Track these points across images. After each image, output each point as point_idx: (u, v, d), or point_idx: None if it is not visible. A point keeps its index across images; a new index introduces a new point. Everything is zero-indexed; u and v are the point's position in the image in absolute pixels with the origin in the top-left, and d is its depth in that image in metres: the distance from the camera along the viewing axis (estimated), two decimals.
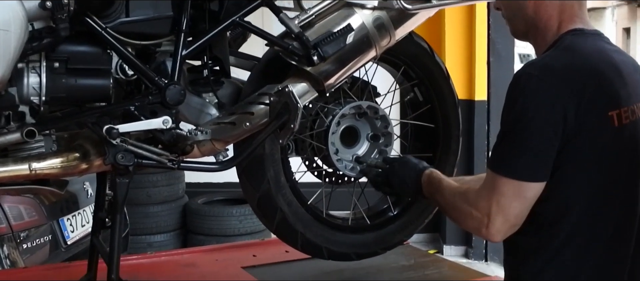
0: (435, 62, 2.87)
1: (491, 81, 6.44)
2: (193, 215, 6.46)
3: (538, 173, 1.83)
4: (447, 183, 2.16)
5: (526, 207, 1.84)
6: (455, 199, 2.04)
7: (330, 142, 2.71)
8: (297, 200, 2.69)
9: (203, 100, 2.53)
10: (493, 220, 1.85)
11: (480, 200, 1.88)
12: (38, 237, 4.33)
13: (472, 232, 2.06)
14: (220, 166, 2.40)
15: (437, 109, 2.93)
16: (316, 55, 2.33)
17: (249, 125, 2.41)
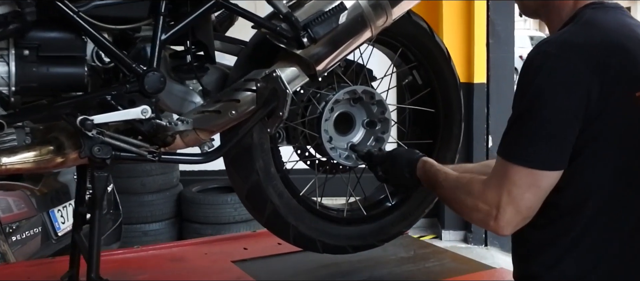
0: (435, 42, 2.67)
1: (490, 63, 6.26)
2: (188, 203, 6.33)
3: (555, 161, 1.67)
4: (444, 175, 2.00)
5: (540, 198, 1.70)
6: (457, 191, 1.89)
7: (323, 129, 2.52)
8: (288, 191, 2.51)
9: (186, 87, 2.34)
10: (503, 211, 1.70)
11: (488, 190, 1.73)
12: (28, 229, 4.19)
13: (478, 225, 1.89)
14: (204, 157, 2.22)
15: (438, 93, 2.74)
16: (306, 36, 2.14)
17: (235, 113, 2.22)
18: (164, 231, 6.59)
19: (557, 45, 1.71)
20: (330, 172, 2.67)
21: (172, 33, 2.15)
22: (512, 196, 1.68)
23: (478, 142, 6.26)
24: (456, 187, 1.90)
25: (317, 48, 2.22)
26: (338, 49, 2.27)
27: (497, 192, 1.70)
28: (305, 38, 2.14)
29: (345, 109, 2.62)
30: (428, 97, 2.75)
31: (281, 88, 2.10)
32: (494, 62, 6.25)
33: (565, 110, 1.65)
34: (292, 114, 2.58)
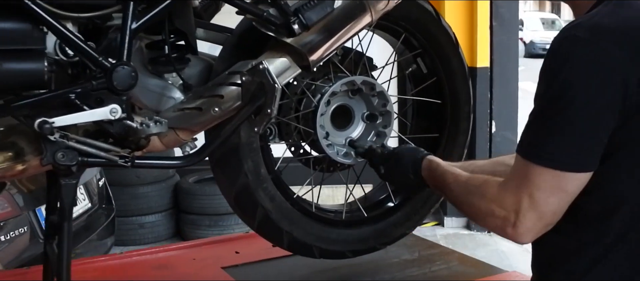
0: (441, 27, 2.38)
1: (494, 46, 5.95)
2: (184, 195, 6.12)
3: (585, 162, 1.46)
4: (454, 176, 1.77)
5: (566, 202, 1.49)
6: (470, 195, 1.65)
7: (318, 125, 2.23)
8: (281, 194, 2.22)
9: (164, 81, 2.04)
10: (523, 217, 1.49)
11: (505, 194, 1.52)
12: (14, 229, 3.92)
13: (494, 232, 1.64)
14: (184, 161, 1.93)
15: (444, 82, 2.44)
16: (297, 23, 1.85)
17: (219, 110, 1.93)
18: (160, 223, 6.36)
19: (588, 29, 1.47)
20: (328, 170, 2.38)
21: (144, 21, 1.86)
22: (534, 200, 1.47)
23: (481, 127, 5.98)
24: (468, 189, 1.67)
25: (310, 36, 1.94)
26: (334, 37, 1.98)
27: (516, 195, 1.49)
28: (296, 25, 1.85)
29: (343, 102, 2.34)
30: (434, 87, 2.46)
31: (269, 82, 1.80)
32: (497, 45, 5.97)
33: (598, 103, 1.43)
34: (285, 108, 2.30)
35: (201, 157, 1.93)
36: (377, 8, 2.00)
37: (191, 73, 2.14)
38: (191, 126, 1.97)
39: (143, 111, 2.00)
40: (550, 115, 1.47)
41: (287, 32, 1.87)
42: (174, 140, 1.99)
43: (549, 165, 1.46)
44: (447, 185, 1.77)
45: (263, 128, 1.86)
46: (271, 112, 1.81)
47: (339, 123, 2.35)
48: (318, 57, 1.97)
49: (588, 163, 1.45)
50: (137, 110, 2.01)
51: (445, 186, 1.78)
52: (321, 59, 2.00)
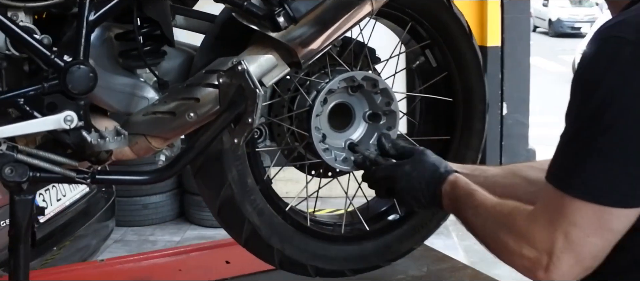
0: (453, 15, 2.03)
1: (505, 25, 5.58)
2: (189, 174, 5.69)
3: (636, 194, 1.16)
4: (482, 198, 1.44)
5: (610, 243, 1.20)
6: (496, 226, 1.35)
7: (313, 126, 1.91)
8: (271, 207, 1.90)
9: (135, 79, 1.72)
10: (557, 260, 1.21)
11: (536, 229, 1.23)
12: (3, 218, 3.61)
13: (522, 274, 1.33)
14: (151, 177, 1.61)
15: (456, 78, 2.10)
16: (283, 15, 1.51)
17: (194, 116, 1.61)
18: (164, 203, 6.14)
19: (635, 27, 1.17)
20: (326, 176, 2.06)
21: (105, 11, 1.53)
22: (571, 240, 1.19)
23: (492, 108, 5.61)
24: (494, 219, 1.36)
25: (300, 28, 1.61)
26: (328, 30, 1.65)
27: (549, 233, 1.21)
28: (281, 17, 1.52)
29: (342, 99, 2.00)
30: (444, 82, 2.12)
31: (249, 86, 1.47)
32: (508, 23, 5.63)
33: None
34: (276, 106, 1.98)
35: (173, 171, 1.61)
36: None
37: (169, 68, 1.82)
38: (164, 133, 1.65)
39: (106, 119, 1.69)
40: (591, 135, 1.17)
41: (272, 25, 1.54)
42: (146, 148, 1.68)
43: (589, 198, 1.16)
44: (472, 208, 1.45)
45: (244, 139, 1.53)
46: (252, 121, 1.48)
47: (338, 123, 2.02)
48: (310, 53, 1.64)
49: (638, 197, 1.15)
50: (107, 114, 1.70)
51: (470, 209, 1.46)
52: (314, 55, 1.67)
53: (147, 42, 1.74)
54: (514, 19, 5.54)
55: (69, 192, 4.12)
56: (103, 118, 1.70)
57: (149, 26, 1.72)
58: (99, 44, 1.67)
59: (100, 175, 1.55)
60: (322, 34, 1.63)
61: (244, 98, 1.49)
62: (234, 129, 1.53)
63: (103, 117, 1.71)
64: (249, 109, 1.47)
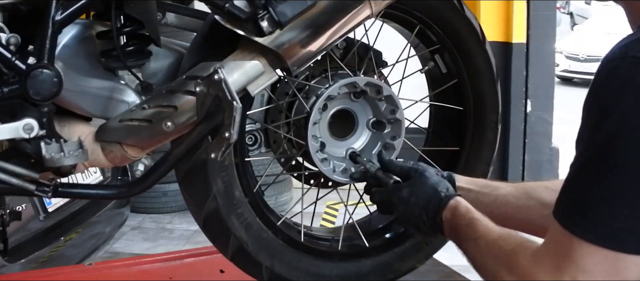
0: (464, 19, 1.82)
1: (531, 21, 5.30)
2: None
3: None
4: (483, 230, 1.30)
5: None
6: (496, 262, 1.21)
7: (311, 135, 1.72)
8: (261, 221, 1.73)
9: (114, 81, 1.55)
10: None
11: (540, 272, 1.09)
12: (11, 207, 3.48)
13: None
14: (118, 192, 1.44)
15: (467, 85, 1.89)
16: (267, 19, 1.32)
17: (172, 125, 1.44)
18: None
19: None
20: (325, 186, 1.88)
21: (74, 10, 1.36)
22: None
23: (516, 106, 5.40)
24: (495, 256, 1.22)
25: (288, 33, 1.42)
26: (321, 34, 1.46)
27: (555, 278, 1.06)
28: (264, 21, 1.33)
29: (344, 106, 1.82)
30: (454, 90, 1.91)
31: (226, 97, 1.29)
32: (534, 19, 5.34)
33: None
34: (273, 111, 1.80)
35: (143, 187, 1.44)
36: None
37: (157, 69, 1.65)
38: (139, 142, 1.48)
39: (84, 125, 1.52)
40: (602, 168, 1.02)
41: (255, 30, 1.35)
42: (121, 157, 1.51)
43: (601, 242, 1.01)
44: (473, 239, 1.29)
45: (221, 154, 1.35)
46: (229, 136, 1.30)
47: (339, 131, 1.84)
48: (301, 59, 1.46)
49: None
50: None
51: (470, 239, 1.30)
52: (306, 61, 1.49)
53: (130, 41, 1.57)
54: (540, 16, 5.26)
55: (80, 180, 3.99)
56: (80, 123, 1.54)
57: (132, 24, 1.55)
58: (75, 44, 1.51)
59: (64, 188, 1.38)
60: (314, 38, 1.45)
61: (221, 110, 1.31)
62: (211, 143, 1.35)
63: (81, 122, 1.54)
64: (226, 122, 1.29)
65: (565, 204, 1.07)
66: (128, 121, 1.48)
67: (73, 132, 1.51)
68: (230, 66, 1.42)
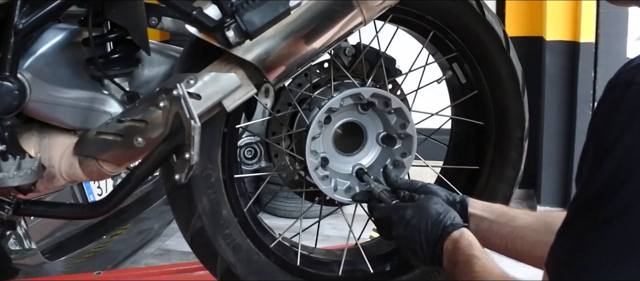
0: (485, 24, 1.63)
1: (600, 19, 4.95)
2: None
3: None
4: (481, 270, 1.17)
5: None
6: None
7: (309, 150, 1.58)
8: (252, 243, 1.60)
9: (94, 91, 1.44)
10: None
11: None
12: None
13: None
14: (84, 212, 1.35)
15: (488, 97, 1.70)
16: (233, 28, 1.19)
17: (142, 141, 1.32)
18: None
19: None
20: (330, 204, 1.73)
21: (38, 17, 1.26)
22: None
23: (582, 110, 5.06)
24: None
25: (267, 43, 1.28)
26: (305, 46, 1.31)
27: None
28: (231, 31, 1.19)
29: (351, 118, 1.67)
30: (474, 102, 1.73)
31: (185, 116, 1.16)
32: (604, 18, 4.97)
33: None
34: (275, 123, 1.66)
35: (108, 207, 1.33)
36: (370, 3, 1.31)
37: (150, 77, 1.54)
38: (113, 158, 1.37)
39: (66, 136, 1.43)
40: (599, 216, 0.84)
41: (222, 40, 1.22)
42: (98, 173, 1.41)
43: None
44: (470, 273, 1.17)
45: (185, 177, 1.22)
46: (190, 157, 1.17)
47: (348, 145, 1.69)
48: (282, 71, 1.32)
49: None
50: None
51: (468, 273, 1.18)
52: (289, 74, 1.34)
53: (117, 48, 1.47)
54: (611, 14, 4.90)
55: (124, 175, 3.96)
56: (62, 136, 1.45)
57: (118, 30, 1.45)
58: (55, 52, 1.41)
59: (27, 207, 1.29)
60: (296, 49, 1.30)
61: (183, 129, 1.18)
62: (175, 162, 1.22)
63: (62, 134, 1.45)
64: (187, 142, 1.16)
65: (558, 250, 0.91)
66: (103, 135, 1.38)
67: (53, 145, 1.43)
68: (205, 79, 1.29)
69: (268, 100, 1.67)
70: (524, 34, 5.32)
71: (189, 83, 1.28)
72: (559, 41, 5.12)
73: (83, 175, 1.42)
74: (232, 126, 1.54)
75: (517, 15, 5.42)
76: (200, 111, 1.29)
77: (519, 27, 5.35)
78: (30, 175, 1.25)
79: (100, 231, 3.72)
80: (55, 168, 1.42)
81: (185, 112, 1.15)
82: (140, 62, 1.51)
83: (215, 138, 1.49)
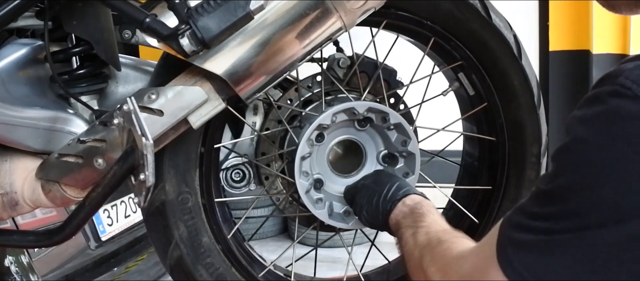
0: (493, 29, 1.53)
1: None
2: None
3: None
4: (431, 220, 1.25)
5: None
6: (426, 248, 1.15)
7: (299, 171, 1.50)
8: (238, 272, 1.52)
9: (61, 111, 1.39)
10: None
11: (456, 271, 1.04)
12: None
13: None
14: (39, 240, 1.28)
15: (499, 110, 1.60)
16: (188, 35, 1.12)
17: (103, 162, 1.26)
18: None
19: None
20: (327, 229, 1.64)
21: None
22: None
23: None
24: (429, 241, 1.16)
25: (233, 52, 1.20)
26: (276, 55, 1.23)
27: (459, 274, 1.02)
28: (185, 38, 1.12)
29: (348, 136, 1.58)
30: (485, 116, 1.62)
31: (137, 133, 1.09)
32: None
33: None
34: (264, 144, 1.59)
35: (64, 235, 1.26)
36: (348, 7, 1.22)
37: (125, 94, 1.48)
38: (75, 181, 1.31)
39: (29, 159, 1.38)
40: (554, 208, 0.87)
41: (177, 48, 1.15)
42: (61, 198, 1.35)
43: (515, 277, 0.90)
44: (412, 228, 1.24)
45: (145, 200, 1.15)
46: (145, 179, 1.10)
47: (347, 165, 1.60)
48: (251, 85, 1.24)
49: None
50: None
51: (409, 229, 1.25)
52: (260, 87, 1.26)
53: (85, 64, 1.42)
54: None
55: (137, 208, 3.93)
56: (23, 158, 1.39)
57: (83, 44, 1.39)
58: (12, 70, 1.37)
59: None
60: (266, 59, 1.22)
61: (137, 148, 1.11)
62: (134, 185, 1.15)
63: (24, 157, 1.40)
64: (140, 162, 1.09)
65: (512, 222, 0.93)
66: (65, 157, 1.32)
67: (15, 169, 1.37)
68: (167, 94, 1.22)
69: (257, 117, 1.60)
70: (569, 47, 5.16)
71: (149, 99, 1.22)
72: (607, 54, 4.95)
73: (46, 201, 1.37)
74: (211, 145, 1.47)
75: (561, 28, 5.25)
76: (164, 129, 1.22)
77: (564, 41, 5.19)
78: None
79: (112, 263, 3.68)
80: (17, 193, 1.37)
81: (136, 128, 1.08)
82: (111, 79, 1.46)
83: (191, 159, 1.43)
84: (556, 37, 5.14)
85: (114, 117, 1.19)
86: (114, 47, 1.38)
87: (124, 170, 1.13)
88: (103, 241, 3.56)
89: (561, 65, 5.04)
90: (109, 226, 3.69)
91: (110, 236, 3.60)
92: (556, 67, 4.92)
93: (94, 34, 1.34)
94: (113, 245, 3.64)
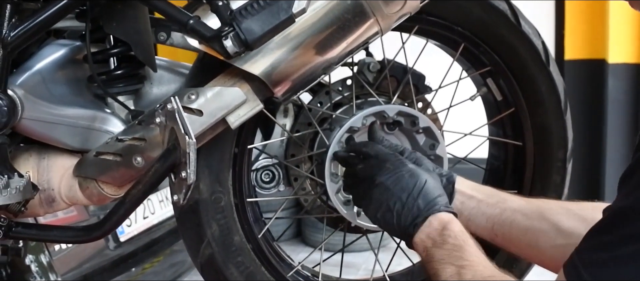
0: (521, 36, 1.55)
1: None
2: None
3: None
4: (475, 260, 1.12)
5: None
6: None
7: (329, 172, 1.53)
8: (268, 271, 1.54)
9: (99, 110, 1.42)
10: None
11: None
12: None
13: None
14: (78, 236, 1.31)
15: (527, 115, 1.62)
16: (231, 37, 1.15)
17: (142, 161, 1.29)
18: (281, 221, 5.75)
19: None
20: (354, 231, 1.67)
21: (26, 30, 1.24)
22: None
23: None
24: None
25: (273, 54, 1.23)
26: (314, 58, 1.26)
27: None
28: (228, 40, 1.15)
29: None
30: (512, 121, 1.65)
31: (180, 131, 1.12)
32: None
33: None
34: (295, 145, 1.61)
35: (103, 231, 1.30)
36: (386, 11, 1.25)
37: (160, 95, 1.51)
38: (113, 179, 1.34)
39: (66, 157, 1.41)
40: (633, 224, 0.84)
41: (221, 50, 1.18)
42: (98, 195, 1.38)
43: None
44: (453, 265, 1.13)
45: (184, 198, 1.18)
46: (186, 176, 1.13)
47: None
48: (289, 87, 1.27)
49: None
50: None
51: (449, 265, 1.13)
52: (296, 90, 1.29)
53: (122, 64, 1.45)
54: None
55: (158, 209, 3.96)
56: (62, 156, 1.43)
57: (122, 46, 1.43)
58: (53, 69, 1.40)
59: (18, 229, 1.26)
60: (304, 61, 1.25)
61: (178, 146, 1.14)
62: (174, 183, 1.18)
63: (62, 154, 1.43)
64: (182, 160, 1.12)
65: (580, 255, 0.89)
66: (103, 155, 1.35)
67: (53, 166, 1.41)
68: (207, 94, 1.26)
69: (288, 119, 1.63)
70: (585, 56, 5.15)
71: (189, 99, 1.25)
72: (623, 64, 4.94)
73: (83, 198, 1.40)
74: (244, 146, 1.49)
75: (577, 37, 5.24)
76: (203, 128, 1.25)
77: (579, 50, 5.19)
78: (16, 195, 1.22)
79: (129, 263, 3.71)
80: (54, 190, 1.40)
81: (180, 127, 1.11)
82: (147, 80, 1.49)
83: (225, 159, 1.45)
84: (571, 46, 5.14)
85: (156, 116, 1.22)
86: (151, 48, 1.41)
87: (166, 168, 1.16)
88: (122, 242, 3.60)
89: (576, 75, 5.04)
90: (128, 227, 3.72)
91: (129, 237, 3.64)
92: (571, 76, 4.92)
93: (132, 36, 1.37)
94: (131, 246, 3.68)
